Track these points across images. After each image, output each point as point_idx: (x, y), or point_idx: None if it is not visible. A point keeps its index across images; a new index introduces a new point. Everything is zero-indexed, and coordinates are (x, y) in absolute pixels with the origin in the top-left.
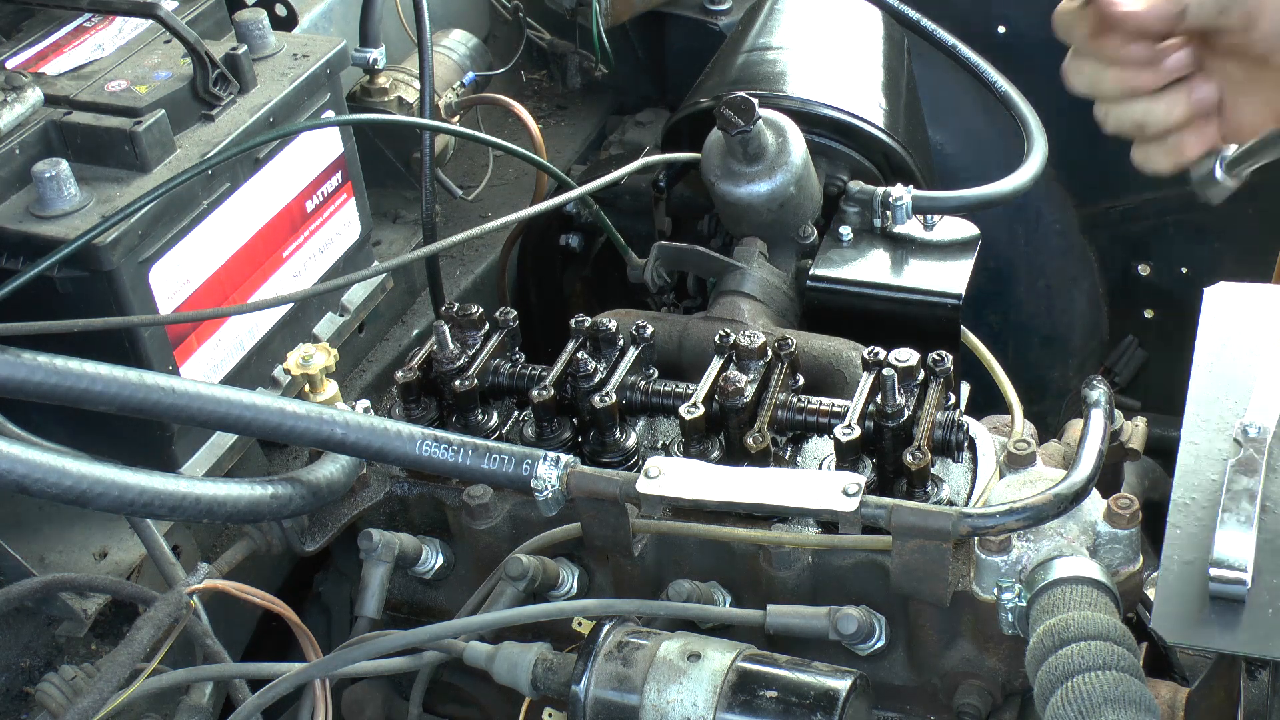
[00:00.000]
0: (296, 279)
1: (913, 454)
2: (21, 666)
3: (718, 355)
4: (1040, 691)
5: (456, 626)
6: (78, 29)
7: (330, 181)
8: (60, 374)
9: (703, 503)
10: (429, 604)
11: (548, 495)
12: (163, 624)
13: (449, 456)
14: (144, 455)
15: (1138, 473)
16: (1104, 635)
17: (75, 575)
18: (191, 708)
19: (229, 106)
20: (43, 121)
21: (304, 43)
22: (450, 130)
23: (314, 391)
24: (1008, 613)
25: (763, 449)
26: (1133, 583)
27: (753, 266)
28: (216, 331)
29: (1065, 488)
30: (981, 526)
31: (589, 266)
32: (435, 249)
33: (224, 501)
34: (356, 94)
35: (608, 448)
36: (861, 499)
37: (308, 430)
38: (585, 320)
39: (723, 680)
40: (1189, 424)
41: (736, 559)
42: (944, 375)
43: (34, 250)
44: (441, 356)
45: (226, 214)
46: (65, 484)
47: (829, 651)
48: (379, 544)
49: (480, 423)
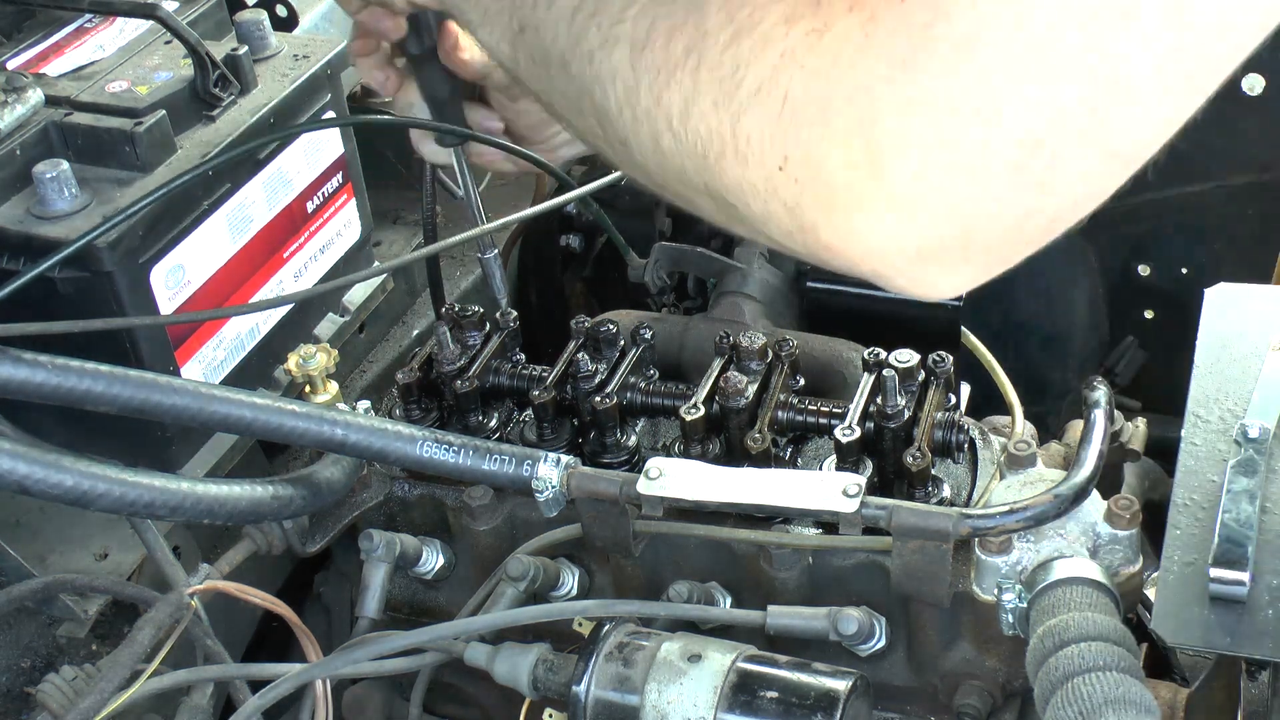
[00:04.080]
0: (297, 279)
1: (913, 455)
2: (22, 667)
3: (718, 356)
4: (1040, 692)
5: (457, 627)
6: (78, 30)
7: (331, 182)
8: (60, 374)
9: (703, 503)
10: (429, 604)
11: (548, 496)
12: (163, 625)
13: (449, 457)
14: (144, 455)
15: (1138, 473)
16: (1104, 636)
17: (76, 576)
18: (192, 708)
19: (230, 107)
20: (43, 122)
21: (305, 43)
22: (450, 130)
23: (314, 392)
24: (1008, 613)
25: (763, 450)
26: (1133, 583)
27: (753, 267)
28: (217, 332)
29: (1066, 489)
30: (982, 527)
31: (589, 267)
32: (435, 249)
33: (224, 502)
34: (357, 95)
35: (608, 448)
36: (862, 500)
37: (308, 431)
38: (586, 321)
39: (723, 681)
40: (1189, 424)
41: (737, 560)
42: (944, 376)
43: (34, 251)
44: (442, 357)
45: (227, 215)
46: (65, 484)
47: (829, 652)
48: (380, 544)
49: (480, 423)
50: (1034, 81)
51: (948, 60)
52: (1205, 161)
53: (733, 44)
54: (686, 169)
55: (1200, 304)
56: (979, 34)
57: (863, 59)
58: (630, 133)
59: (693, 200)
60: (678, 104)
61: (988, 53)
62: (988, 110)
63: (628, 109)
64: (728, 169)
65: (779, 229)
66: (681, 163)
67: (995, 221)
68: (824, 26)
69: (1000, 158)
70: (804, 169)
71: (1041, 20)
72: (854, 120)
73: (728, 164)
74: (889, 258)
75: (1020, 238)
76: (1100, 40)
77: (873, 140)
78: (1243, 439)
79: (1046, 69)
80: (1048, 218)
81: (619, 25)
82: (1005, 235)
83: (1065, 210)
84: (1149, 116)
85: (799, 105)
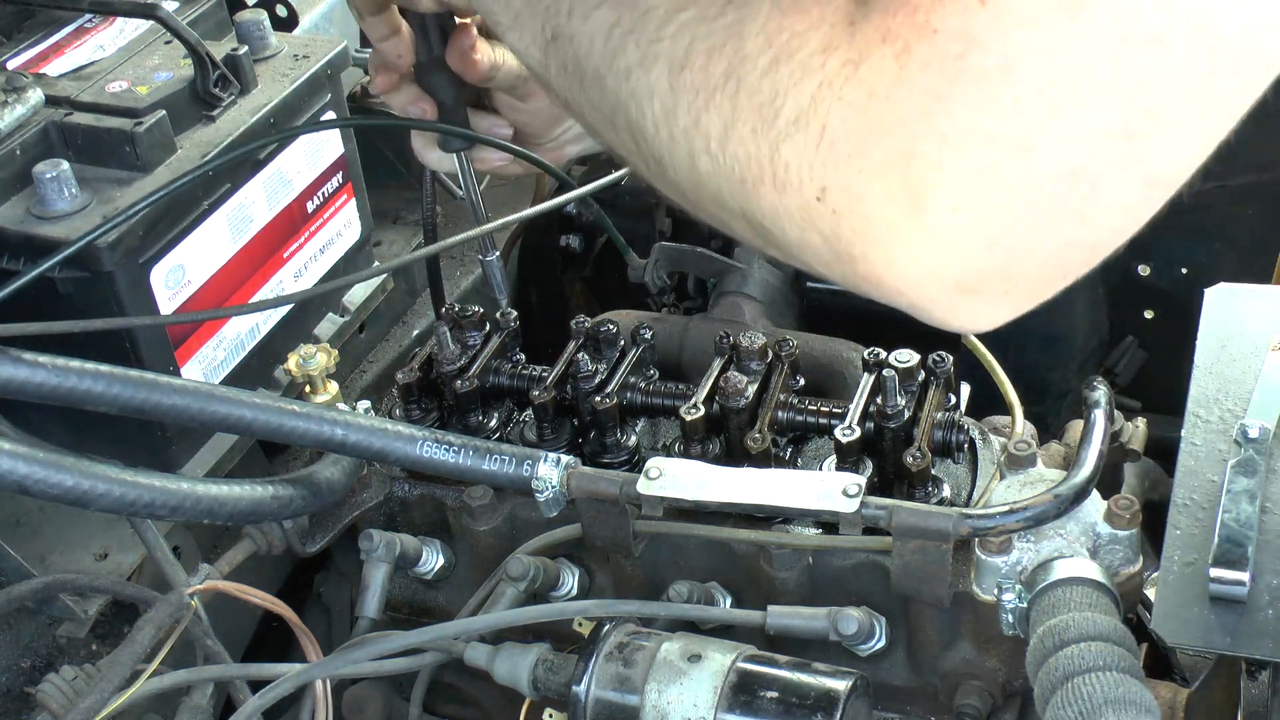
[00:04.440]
0: (297, 279)
1: (913, 455)
2: (22, 667)
3: (718, 356)
4: (1040, 692)
5: (457, 627)
6: (79, 30)
7: (331, 182)
8: (60, 374)
9: (703, 503)
10: (429, 604)
11: (548, 496)
12: (163, 625)
13: (450, 457)
14: (144, 455)
15: (1138, 473)
16: (1104, 636)
17: (76, 576)
18: (192, 708)
19: (230, 107)
20: (43, 122)
21: (305, 43)
22: (450, 130)
23: (314, 392)
24: (1008, 614)
25: (763, 450)
26: (1133, 584)
27: (753, 267)
28: (217, 332)
29: (1066, 489)
30: (982, 527)
31: (589, 267)
32: (435, 249)
33: (225, 502)
34: (357, 95)
35: (608, 448)
36: (862, 500)
37: (308, 431)
38: (586, 321)
39: (723, 681)
40: (1189, 424)
41: (737, 560)
42: (944, 376)
43: (35, 251)
44: (442, 357)
45: (227, 215)
46: (65, 484)
47: (829, 652)
48: (380, 544)
49: (480, 423)
50: (1069, 110)
51: (982, 92)
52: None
53: (771, 70)
54: (723, 192)
55: (1200, 304)
56: (1012, 65)
57: (897, 92)
58: (666, 151)
59: (728, 223)
60: (717, 127)
61: (1021, 83)
62: (1024, 141)
63: (664, 128)
64: (765, 195)
65: (816, 258)
66: (719, 185)
67: (1035, 254)
68: (859, 58)
69: (1039, 189)
70: (843, 200)
71: (1074, 49)
72: (892, 154)
73: (765, 191)
74: (929, 290)
75: (1060, 269)
76: (1133, 67)
77: (910, 174)
78: (1243, 439)
79: (1081, 97)
80: (1088, 248)
81: (657, 44)
82: (1045, 267)
83: (1104, 239)
84: (1185, 141)
85: (837, 137)
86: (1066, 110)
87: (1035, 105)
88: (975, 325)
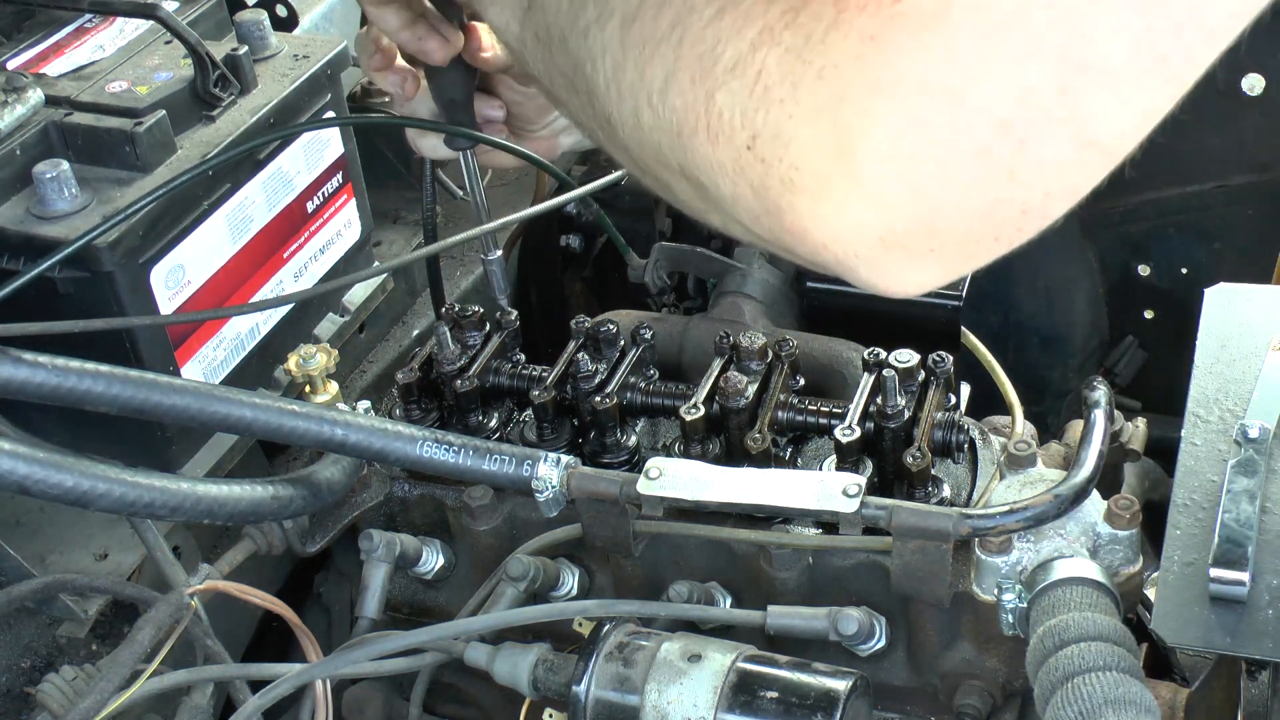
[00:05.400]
0: (297, 279)
1: (913, 455)
2: (22, 667)
3: (718, 356)
4: (1040, 692)
5: (457, 627)
6: (78, 30)
7: (331, 182)
8: (60, 374)
9: (703, 503)
10: (429, 605)
11: (548, 496)
12: (163, 625)
13: (449, 457)
14: (144, 455)
15: (1138, 473)
16: (1104, 636)
17: (76, 576)
18: (192, 708)
19: (230, 107)
20: (43, 122)
21: (305, 43)
22: (450, 130)
23: (314, 392)
24: (1008, 614)
25: (763, 450)
26: (1133, 584)
27: (754, 267)
28: (217, 332)
29: (1066, 489)
30: (982, 527)
31: (589, 267)
32: (435, 249)
33: (224, 502)
34: (357, 95)
35: (608, 448)
36: (862, 500)
37: (308, 431)
38: (586, 321)
39: (723, 681)
40: (1189, 424)
41: (737, 560)
42: (944, 376)
43: (35, 251)
44: (442, 357)
45: (227, 215)
46: (65, 484)
47: (829, 652)
48: (380, 544)
49: (480, 423)
50: (1001, 60)
51: (915, 37)
52: (1205, 161)
53: (716, 19)
54: (663, 146)
55: (1200, 304)
56: (946, 10)
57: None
58: (615, 108)
59: (670, 185)
60: (659, 79)
61: (954, 30)
62: (955, 89)
63: (614, 85)
64: (699, 147)
65: (746, 212)
66: (659, 139)
67: (963, 208)
68: (800, 3)
69: (967, 139)
70: (771, 148)
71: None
72: (822, 98)
73: (699, 142)
74: (852, 244)
75: (989, 229)
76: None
77: (840, 120)
78: (1243, 439)
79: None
80: (1018, 208)
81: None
82: (974, 225)
83: (1036, 201)
84: (1123, 104)
85: (771, 82)
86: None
87: (968, 54)
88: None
